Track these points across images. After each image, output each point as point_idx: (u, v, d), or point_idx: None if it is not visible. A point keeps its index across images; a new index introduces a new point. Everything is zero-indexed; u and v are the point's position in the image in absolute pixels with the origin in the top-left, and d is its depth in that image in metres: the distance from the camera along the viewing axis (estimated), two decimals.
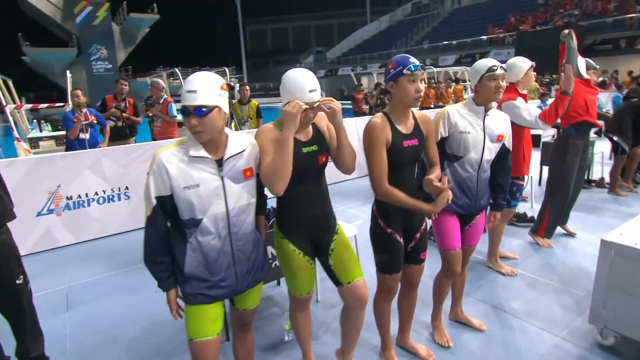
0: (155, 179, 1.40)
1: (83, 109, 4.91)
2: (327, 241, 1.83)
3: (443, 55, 27.47)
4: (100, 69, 26.08)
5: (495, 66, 2.06)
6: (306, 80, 1.57)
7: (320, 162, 1.74)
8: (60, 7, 25.40)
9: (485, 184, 2.21)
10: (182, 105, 1.36)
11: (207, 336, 1.49)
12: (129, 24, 27.24)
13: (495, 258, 3.19)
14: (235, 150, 1.49)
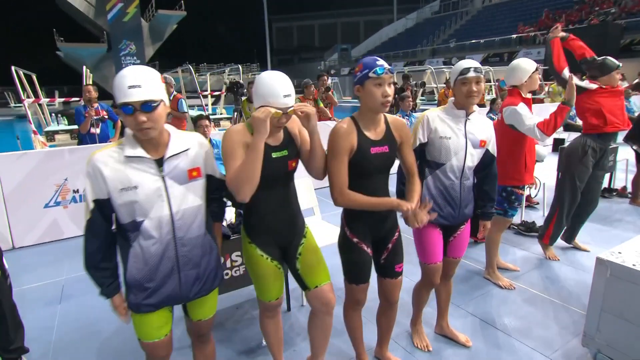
0: (91, 182, 1.34)
1: (94, 104, 5.03)
2: (295, 245, 1.79)
3: (470, 54, 26.69)
4: (128, 64, 26.57)
5: (468, 69, 1.92)
6: (280, 84, 1.51)
7: (290, 167, 1.69)
8: (93, 4, 26.26)
9: (468, 192, 2.11)
10: (122, 103, 1.24)
11: (154, 339, 1.49)
12: (157, 20, 27.88)
13: (492, 269, 3.05)
14: (178, 149, 1.41)
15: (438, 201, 2.06)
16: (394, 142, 1.80)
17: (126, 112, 1.25)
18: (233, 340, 2.44)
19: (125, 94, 1.24)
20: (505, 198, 2.87)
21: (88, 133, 5.02)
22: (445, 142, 1.99)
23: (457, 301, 2.76)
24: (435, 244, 2.08)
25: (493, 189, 2.20)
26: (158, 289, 1.44)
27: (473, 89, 1.92)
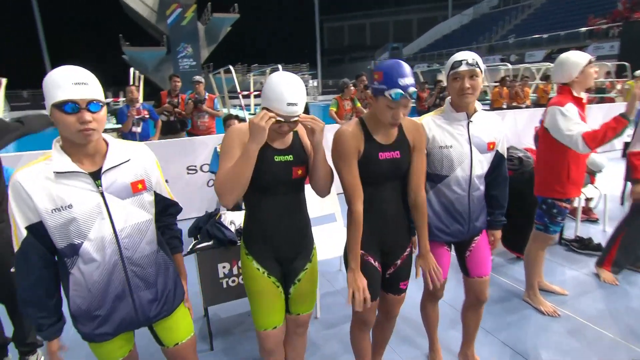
0: (17, 205, 1.15)
1: (136, 104, 5.20)
2: (297, 268, 1.63)
3: (531, 50, 24.90)
4: (185, 65, 28.19)
5: (460, 62, 1.64)
6: (287, 91, 1.35)
7: (295, 175, 1.52)
8: (155, 10, 27.94)
9: (479, 204, 1.84)
10: (64, 100, 1.10)
11: (116, 359, 1.39)
12: (213, 23, 29.04)
13: (533, 291, 2.68)
14: (117, 160, 1.25)
15: (442, 218, 1.82)
16: (406, 146, 1.60)
17: (68, 111, 1.10)
18: (243, 351, 2.34)
19: (70, 90, 1.11)
20: (545, 211, 2.49)
21: (130, 132, 5.21)
22: (446, 152, 1.74)
23: (488, 325, 2.45)
24: (441, 261, 1.85)
25: (502, 194, 1.91)
26: (110, 316, 1.29)
27: (466, 85, 1.64)
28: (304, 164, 1.56)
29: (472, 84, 1.64)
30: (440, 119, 1.78)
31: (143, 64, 28.14)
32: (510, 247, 3.37)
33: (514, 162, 3.35)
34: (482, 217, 1.88)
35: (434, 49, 35.48)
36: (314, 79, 33.11)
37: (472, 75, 1.64)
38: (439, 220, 1.82)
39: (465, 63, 1.63)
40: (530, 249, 2.67)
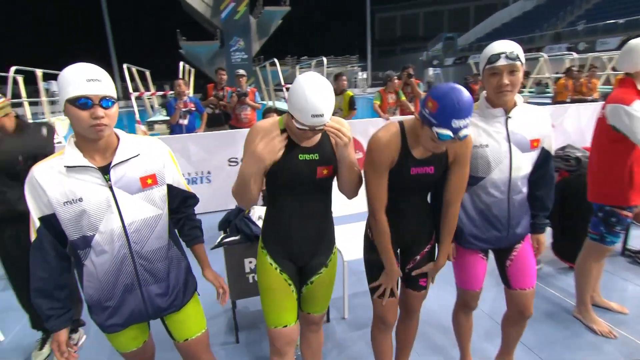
0: (32, 197, 1.21)
1: (184, 97, 5.39)
2: (311, 270, 1.59)
3: (603, 37, 22.66)
4: (237, 59, 29.01)
5: (498, 55, 1.44)
6: (313, 100, 1.25)
7: (319, 175, 1.46)
8: (210, 5, 28.95)
9: (520, 208, 1.66)
10: (77, 96, 1.12)
11: (131, 349, 1.43)
12: (264, 16, 29.52)
13: (585, 307, 2.41)
14: (126, 155, 1.26)
15: (477, 223, 1.67)
16: (444, 162, 1.50)
17: (82, 107, 1.13)
18: (262, 345, 2.34)
19: (84, 87, 1.13)
20: (602, 220, 2.20)
21: (177, 124, 5.42)
22: (481, 152, 1.57)
23: (529, 341, 2.25)
24: (475, 270, 1.74)
25: (547, 195, 1.72)
26: (119, 307, 1.32)
27: (504, 81, 1.45)
28: (330, 163, 1.48)
29: (511, 80, 1.46)
30: (474, 115, 1.60)
31: (198, 57, 29.36)
32: (561, 256, 3.07)
33: (571, 162, 3.04)
34: (524, 222, 1.71)
35: (492, 38, 33.15)
36: (363, 71, 32.64)
37: (512, 71, 1.45)
38: (474, 225, 1.67)
39: (504, 56, 1.43)
40: (582, 260, 2.38)
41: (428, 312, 2.52)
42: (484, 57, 1.51)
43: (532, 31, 29.48)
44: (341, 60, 34.36)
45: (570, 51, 17.91)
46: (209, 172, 4.84)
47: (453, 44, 38.41)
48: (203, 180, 4.82)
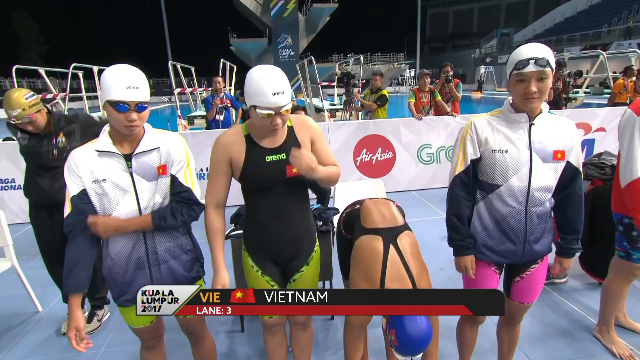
0: (70, 175, 1.39)
1: (220, 93, 5.63)
2: (292, 269, 1.64)
3: None
4: (285, 55, 29.57)
5: (527, 60, 1.36)
6: (269, 81, 1.32)
7: (289, 174, 1.49)
8: (261, 3, 29.68)
9: (540, 222, 1.57)
10: (117, 100, 1.27)
11: (139, 325, 1.57)
12: (312, 14, 29.77)
13: (607, 328, 2.24)
14: (148, 146, 1.42)
15: (492, 234, 1.60)
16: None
17: (120, 110, 1.29)
18: None
19: (123, 93, 1.28)
20: (623, 234, 2.04)
21: (214, 119, 5.67)
22: (499, 157, 1.51)
23: (537, 357, 2.14)
24: (486, 284, 1.66)
25: (577, 216, 1.58)
26: (130, 284, 1.47)
27: (532, 89, 1.38)
28: None
29: (539, 87, 1.39)
30: (496, 120, 1.55)
31: (247, 54, 30.26)
32: (589, 270, 2.86)
33: (606, 170, 2.82)
34: (544, 241, 1.61)
35: (553, 34, 31.36)
36: (411, 69, 31.89)
37: (541, 78, 1.38)
38: (488, 235, 1.61)
39: (532, 62, 1.37)
40: (610, 278, 2.21)
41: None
42: (512, 62, 1.44)
43: (599, 26, 27.24)
44: (389, 58, 33.82)
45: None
46: None
47: (508, 40, 36.41)
48: None
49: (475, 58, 36.86)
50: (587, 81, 11.79)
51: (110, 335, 2.48)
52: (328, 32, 32.25)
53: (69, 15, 45.71)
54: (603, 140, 5.76)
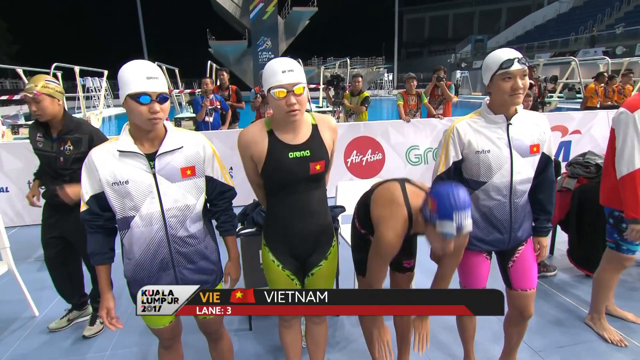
0: (87, 175, 1.37)
1: (210, 95, 5.59)
2: (312, 263, 1.68)
3: None
4: (264, 58, 29.36)
5: (511, 60, 1.52)
6: (279, 62, 1.41)
7: (313, 171, 1.52)
8: (240, 5, 29.50)
9: (522, 211, 1.71)
10: (138, 92, 1.25)
11: (158, 326, 1.55)
12: (292, 17, 29.86)
13: (598, 316, 2.39)
14: (171, 146, 1.39)
15: (480, 226, 1.73)
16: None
17: (142, 102, 1.26)
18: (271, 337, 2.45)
19: (144, 84, 1.26)
20: (613, 227, 2.19)
21: (203, 121, 5.62)
22: (483, 157, 1.64)
23: (537, 345, 2.26)
24: (478, 270, 1.79)
25: (548, 199, 1.77)
26: (154, 285, 1.42)
27: (519, 84, 1.53)
28: (322, 158, 1.55)
29: (523, 83, 1.54)
30: (477, 122, 1.68)
31: (226, 56, 29.95)
32: (577, 263, 3.03)
33: (591, 169, 3.00)
34: (525, 226, 1.76)
35: (523, 41, 32.62)
36: (389, 73, 32.40)
37: (524, 74, 1.54)
38: (477, 227, 1.72)
39: (517, 61, 1.52)
40: (601, 269, 2.35)
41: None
42: (494, 64, 1.56)
43: (566, 34, 28.53)
44: (367, 62, 34.25)
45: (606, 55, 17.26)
46: (231, 167, 4.99)
47: (482, 46, 37.60)
48: None
49: (451, 63, 37.83)
50: (561, 86, 12.35)
51: (115, 338, 2.44)
52: (307, 36, 32.36)
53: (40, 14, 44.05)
54: (579, 141, 6.06)
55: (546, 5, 37.08)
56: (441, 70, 5.92)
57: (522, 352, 2.20)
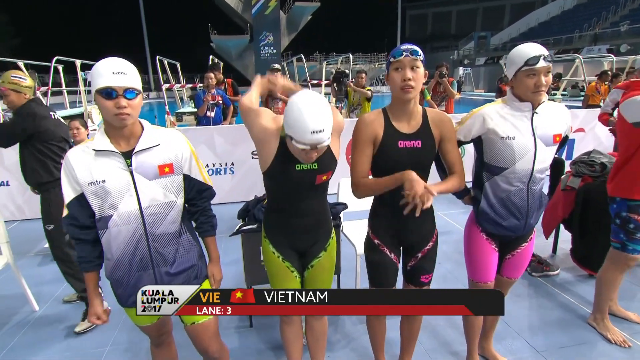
0: (66, 176, 1.34)
1: (212, 90, 5.55)
2: (311, 255, 1.69)
3: None
4: (266, 53, 29.40)
5: (537, 57, 1.52)
6: (311, 116, 1.29)
7: (319, 181, 1.54)
8: (242, 0, 29.37)
9: (537, 199, 1.74)
10: (105, 87, 1.22)
11: (146, 323, 1.55)
12: (294, 12, 29.77)
13: (602, 316, 2.37)
14: (148, 144, 1.35)
15: (499, 211, 1.74)
16: (431, 138, 1.57)
17: (108, 97, 1.23)
18: (272, 336, 2.44)
19: (110, 79, 1.23)
20: (620, 227, 2.15)
21: (204, 116, 5.59)
22: (508, 143, 1.64)
23: (539, 345, 2.25)
24: (488, 260, 1.81)
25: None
26: (135, 284, 1.40)
27: (542, 82, 1.54)
28: (330, 169, 1.55)
29: (547, 80, 1.56)
30: (504, 108, 1.68)
31: (228, 51, 29.89)
32: (581, 263, 3.01)
33: (595, 167, 2.97)
34: (536, 214, 1.79)
35: (527, 38, 32.35)
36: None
37: (547, 72, 1.55)
38: (494, 212, 1.74)
39: (542, 58, 1.53)
40: (606, 269, 2.32)
41: None
42: (519, 59, 1.57)
43: (571, 31, 28.32)
44: (369, 57, 34.14)
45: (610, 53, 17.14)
46: (232, 163, 4.98)
47: (485, 43, 37.42)
48: (227, 171, 4.97)
49: (453, 60, 37.64)
50: (565, 84, 12.27)
51: (114, 334, 2.43)
52: (310, 31, 32.26)
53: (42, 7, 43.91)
54: (582, 140, 6.03)
55: (550, 2, 36.78)
56: (443, 67, 5.88)
57: (523, 352, 2.20)
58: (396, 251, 1.71)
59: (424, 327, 2.37)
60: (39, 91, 6.95)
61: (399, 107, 1.55)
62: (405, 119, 1.56)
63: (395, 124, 1.56)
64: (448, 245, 3.49)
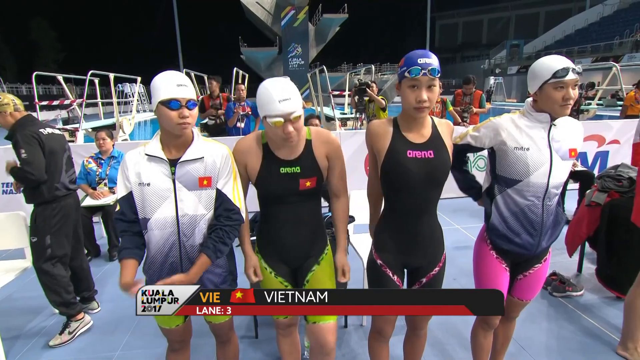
0: (122, 174, 1.46)
1: (242, 101, 5.66)
2: (306, 269, 1.65)
3: None
4: (294, 65, 29.90)
5: (566, 69, 1.44)
6: (275, 89, 1.37)
7: (302, 187, 1.53)
8: (271, 13, 30.10)
9: (552, 215, 1.64)
10: (170, 98, 1.33)
11: (170, 326, 1.59)
12: (322, 24, 30.16)
13: (634, 344, 2.18)
14: (193, 155, 1.44)
15: (511, 226, 1.65)
16: (441, 146, 1.52)
17: (173, 107, 1.34)
18: None
19: (174, 91, 1.35)
20: None
21: (234, 127, 5.69)
22: (522, 155, 1.57)
23: None
24: (498, 280, 1.70)
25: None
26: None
27: (571, 94, 1.46)
28: (313, 175, 1.54)
29: (575, 93, 1.49)
30: (521, 119, 1.61)
31: (257, 63, 30.62)
32: (607, 283, 2.82)
33: (623, 183, 2.81)
34: (550, 232, 1.67)
35: (562, 46, 31.26)
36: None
37: (576, 85, 1.49)
38: (507, 227, 1.65)
39: (572, 71, 1.46)
40: (634, 292, 2.16)
41: (447, 323, 2.47)
42: (546, 72, 1.49)
43: (610, 38, 27.10)
44: (397, 68, 33.96)
45: None
46: None
47: (518, 51, 36.41)
48: None
49: (484, 69, 36.82)
50: (600, 93, 11.72)
51: (126, 338, 2.50)
52: (338, 42, 32.58)
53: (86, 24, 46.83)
54: (617, 152, 5.71)
55: (588, 8, 35.41)
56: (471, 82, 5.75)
57: None
58: (400, 274, 1.62)
59: (432, 345, 2.30)
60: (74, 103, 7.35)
61: (409, 117, 1.50)
62: (416, 128, 1.50)
63: (405, 133, 1.50)
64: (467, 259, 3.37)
